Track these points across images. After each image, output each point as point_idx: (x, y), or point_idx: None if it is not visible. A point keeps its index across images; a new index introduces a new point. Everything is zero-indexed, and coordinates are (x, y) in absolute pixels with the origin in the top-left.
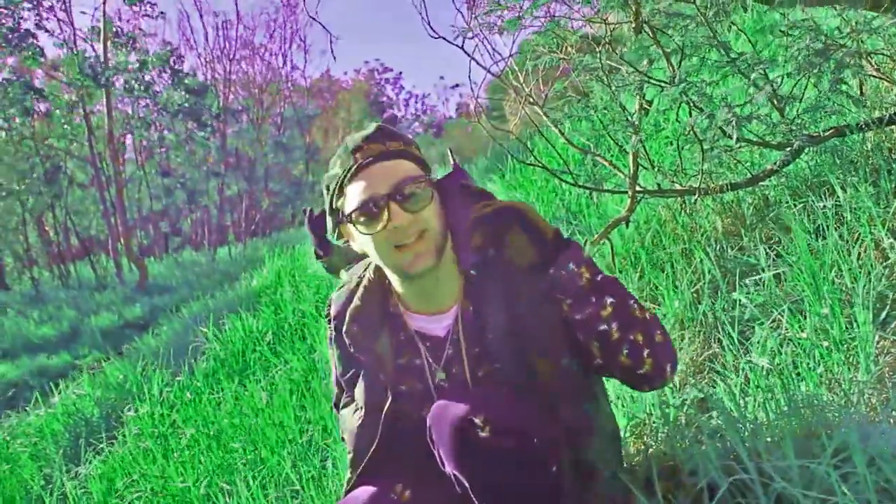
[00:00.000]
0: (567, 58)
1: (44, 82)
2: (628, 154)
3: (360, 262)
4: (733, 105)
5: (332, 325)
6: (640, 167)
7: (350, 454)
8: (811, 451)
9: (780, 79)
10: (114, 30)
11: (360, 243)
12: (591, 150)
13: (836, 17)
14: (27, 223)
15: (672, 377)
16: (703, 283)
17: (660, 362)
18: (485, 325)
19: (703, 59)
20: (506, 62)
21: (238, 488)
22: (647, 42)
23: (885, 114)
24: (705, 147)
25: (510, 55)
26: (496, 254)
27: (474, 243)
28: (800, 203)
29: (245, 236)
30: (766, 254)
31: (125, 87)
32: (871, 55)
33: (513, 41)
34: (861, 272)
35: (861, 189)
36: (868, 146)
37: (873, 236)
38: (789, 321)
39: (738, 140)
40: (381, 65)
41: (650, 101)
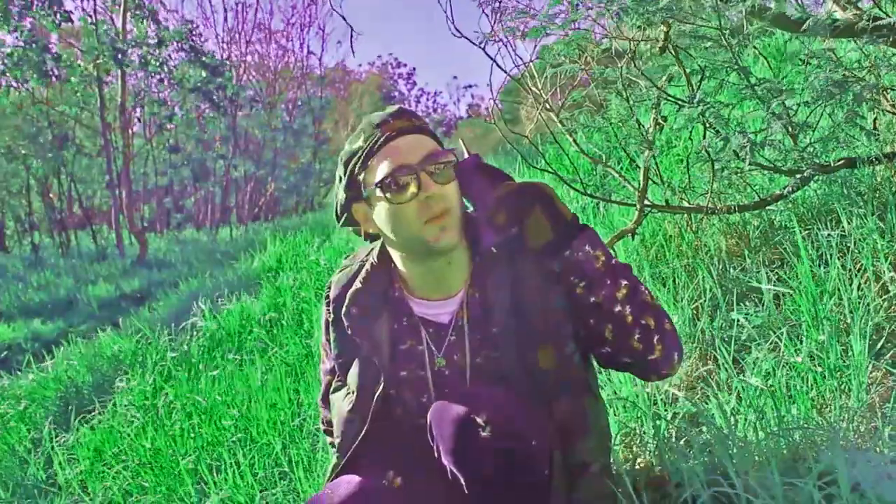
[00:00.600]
0: (587, 68)
1: (60, 49)
2: (638, 167)
3: (364, 247)
4: (748, 131)
5: (331, 308)
6: (649, 182)
7: (338, 439)
8: (797, 473)
9: (796, 106)
10: (135, 1)
11: (381, 219)
12: (603, 160)
13: (856, 50)
14: (31, 188)
15: (678, 367)
16: (704, 300)
17: (669, 350)
18: (490, 312)
19: (722, 82)
20: (525, 66)
21: (226, 465)
22: (668, 60)
23: None
24: (716, 167)
25: (530, 60)
26: (517, 232)
27: (497, 221)
28: (805, 230)
29: (247, 219)
30: (768, 277)
31: (140, 61)
32: (888, 90)
33: (534, 47)
34: (860, 303)
35: (867, 221)
36: (877, 179)
37: (875, 269)
38: (786, 345)
39: (750, 164)
40: (395, 59)
41: (665, 118)
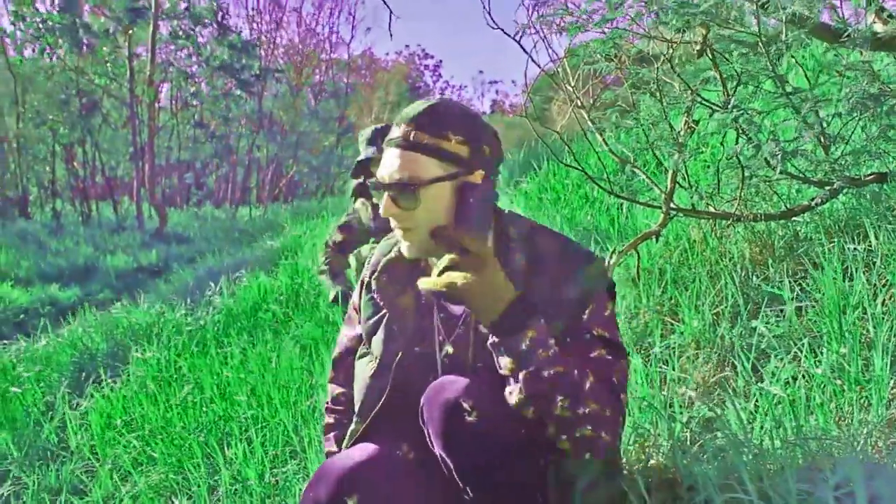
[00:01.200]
0: (623, 67)
1: (93, 19)
2: (665, 170)
3: None
4: (781, 139)
5: (368, 272)
6: (676, 185)
7: (358, 404)
8: (813, 482)
9: (830, 117)
10: None
11: None
12: (631, 161)
13: (894, 65)
14: (56, 154)
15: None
16: (725, 306)
17: (578, 449)
18: None
19: (757, 89)
20: (559, 60)
21: (237, 440)
22: (705, 65)
23: None
24: (746, 174)
25: (564, 55)
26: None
27: (519, 267)
28: (831, 242)
29: (267, 200)
30: (791, 287)
31: (170, 34)
32: None
33: (569, 42)
34: (884, 318)
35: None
36: None
37: None
38: (806, 356)
39: (781, 172)
40: (422, 50)
41: (696, 121)
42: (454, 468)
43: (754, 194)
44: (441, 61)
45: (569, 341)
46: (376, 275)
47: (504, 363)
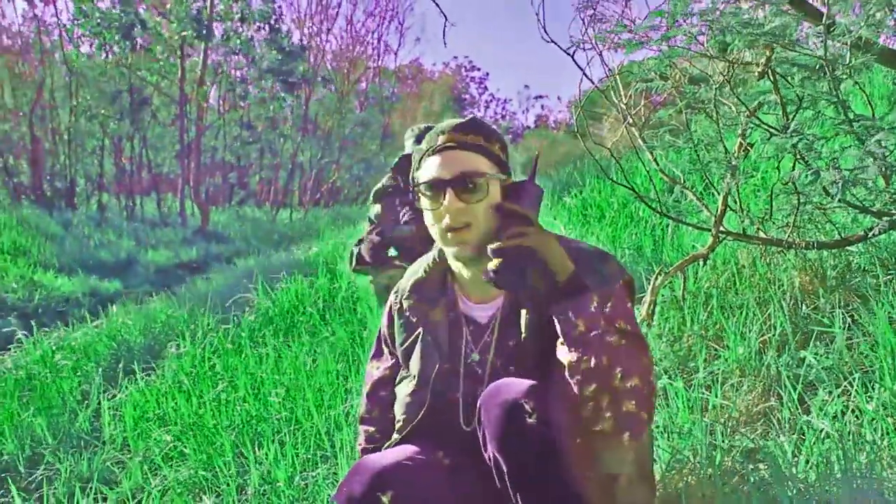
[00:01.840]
0: (678, 86)
1: (148, 17)
2: (716, 193)
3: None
4: (841, 168)
5: (398, 296)
6: (727, 208)
7: (399, 423)
8: None
9: (893, 147)
10: None
11: (425, 216)
12: (681, 182)
13: None
14: (105, 149)
15: (630, 446)
16: (773, 334)
17: (619, 430)
18: (516, 323)
19: (818, 114)
20: (613, 76)
21: (268, 441)
22: (765, 87)
23: None
24: (801, 201)
25: (617, 71)
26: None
27: None
28: (887, 275)
29: (308, 203)
30: (842, 318)
31: (223, 37)
32: None
33: (622, 60)
34: None
35: None
36: None
37: None
38: (857, 391)
39: (839, 200)
40: (469, 62)
41: (751, 144)
42: (507, 471)
43: (807, 221)
44: (487, 74)
45: None
46: (406, 294)
47: (571, 327)
